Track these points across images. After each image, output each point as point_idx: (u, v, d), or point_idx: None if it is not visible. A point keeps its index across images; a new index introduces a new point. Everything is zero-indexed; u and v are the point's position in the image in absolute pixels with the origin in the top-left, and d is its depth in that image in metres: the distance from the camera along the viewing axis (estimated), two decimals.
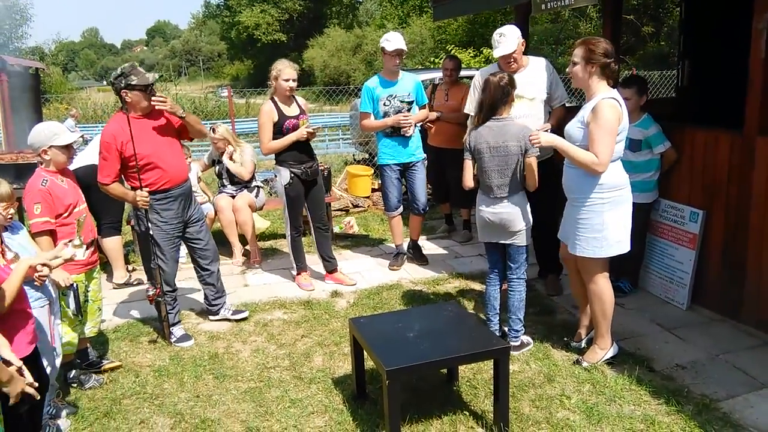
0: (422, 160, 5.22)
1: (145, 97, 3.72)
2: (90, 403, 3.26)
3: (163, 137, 3.86)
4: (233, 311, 4.29)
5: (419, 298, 4.56)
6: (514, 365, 3.37)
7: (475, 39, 23.17)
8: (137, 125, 3.73)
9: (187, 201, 4.03)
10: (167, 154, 3.84)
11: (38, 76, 8.28)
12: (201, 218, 4.16)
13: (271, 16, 40.69)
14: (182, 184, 3.94)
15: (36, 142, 3.23)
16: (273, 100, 4.63)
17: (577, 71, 3.24)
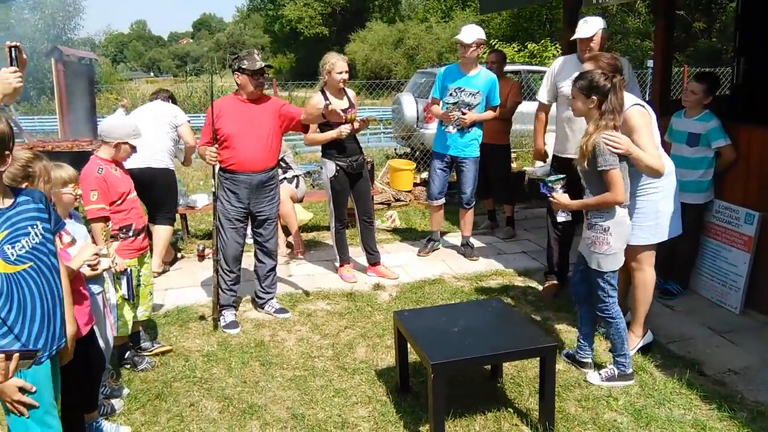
0: (475, 157, 5.20)
1: (251, 81, 3.96)
2: (142, 384, 3.37)
3: (254, 125, 4.01)
4: (276, 309, 4.34)
5: (461, 293, 4.55)
6: (560, 364, 3.33)
7: (520, 33, 22.84)
8: (236, 106, 4.03)
9: (258, 193, 4.12)
10: (248, 140, 4.00)
11: (92, 66, 8.52)
12: (271, 217, 4.24)
13: (314, 10, 40.90)
14: (251, 173, 4.04)
15: (114, 132, 3.35)
16: (323, 92, 4.67)
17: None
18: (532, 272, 4.97)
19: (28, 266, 2.03)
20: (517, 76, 10.49)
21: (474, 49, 4.96)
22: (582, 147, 3.03)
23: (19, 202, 2.05)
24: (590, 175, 3.07)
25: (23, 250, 2.02)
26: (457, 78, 5.08)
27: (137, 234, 3.45)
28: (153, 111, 5.11)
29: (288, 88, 20.54)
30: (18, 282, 2.01)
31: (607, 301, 3.18)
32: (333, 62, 4.58)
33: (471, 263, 5.22)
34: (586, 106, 3.05)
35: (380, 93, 17.12)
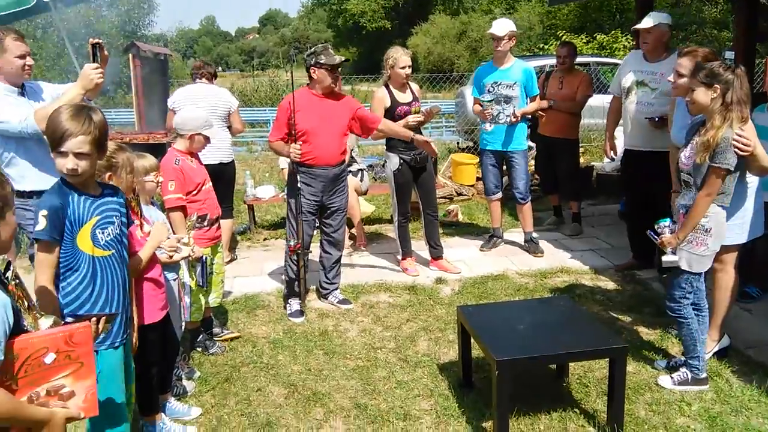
0: (522, 150, 5.17)
1: (329, 76, 4.01)
2: (212, 368, 3.50)
3: (330, 120, 4.08)
4: (340, 300, 4.39)
5: (526, 290, 4.48)
6: (630, 366, 3.22)
7: (588, 24, 22.13)
8: (312, 101, 4.06)
9: (332, 186, 4.20)
10: (325, 135, 4.07)
11: (166, 61, 8.87)
12: (341, 209, 4.32)
13: (377, 4, 41.02)
14: (327, 167, 4.13)
15: (189, 125, 3.48)
16: (387, 86, 4.70)
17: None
18: (600, 270, 4.84)
19: (111, 253, 2.19)
20: (586, 68, 10.17)
21: (507, 41, 4.99)
22: (708, 140, 2.82)
23: (105, 193, 2.21)
24: (700, 169, 2.91)
25: (109, 237, 2.17)
26: (492, 73, 5.09)
27: (212, 224, 3.58)
28: (206, 101, 4.89)
29: (351, 82, 20.72)
30: (102, 266, 2.17)
31: (683, 302, 3.06)
32: (396, 57, 4.61)
33: (536, 260, 5.13)
34: (708, 96, 2.86)
35: (443, 86, 17.03)
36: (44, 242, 2.05)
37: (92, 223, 2.12)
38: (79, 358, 1.73)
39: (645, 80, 4.42)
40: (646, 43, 4.40)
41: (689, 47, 3.50)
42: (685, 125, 3.25)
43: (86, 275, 2.14)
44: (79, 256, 2.12)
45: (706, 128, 2.89)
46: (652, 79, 4.38)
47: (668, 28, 4.38)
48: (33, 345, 1.67)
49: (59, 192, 2.08)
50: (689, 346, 3.11)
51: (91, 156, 2.08)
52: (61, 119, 2.02)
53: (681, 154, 3.10)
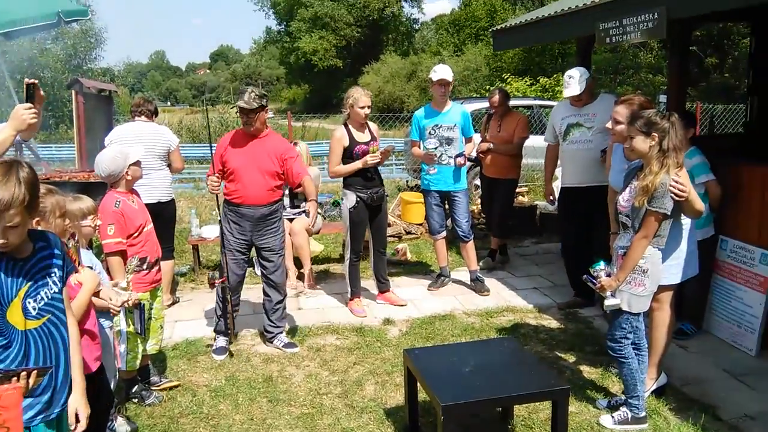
0: (464, 190, 5.30)
1: (243, 118, 4.07)
2: (149, 420, 3.35)
3: (257, 160, 4.08)
4: (285, 343, 4.31)
5: (472, 330, 4.50)
6: (572, 406, 3.27)
7: (532, 67, 23.06)
8: (242, 140, 4.10)
9: (261, 226, 4.16)
10: (251, 174, 4.07)
11: (111, 97, 8.69)
12: (276, 250, 4.24)
13: (328, 43, 41.62)
14: (254, 206, 4.11)
15: (116, 168, 3.37)
16: (346, 125, 4.76)
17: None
18: (544, 309, 4.92)
19: (46, 319, 1.97)
20: (529, 110, 10.55)
21: (450, 87, 5.17)
22: (647, 185, 2.93)
23: (37, 249, 1.98)
24: (638, 212, 3.02)
25: (42, 302, 1.96)
26: (433, 116, 5.22)
27: (152, 267, 3.47)
28: (145, 139, 4.77)
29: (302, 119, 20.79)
30: (36, 338, 1.95)
31: (623, 342, 3.14)
32: (357, 96, 4.70)
33: (482, 298, 5.19)
34: (647, 144, 2.98)
35: (393, 125, 17.27)
36: None
37: (22, 294, 1.89)
38: (5, 423, 1.61)
39: (580, 122, 4.67)
40: (580, 101, 4.69)
41: (626, 95, 3.68)
42: (622, 169, 3.40)
43: (19, 352, 1.90)
44: (10, 332, 1.89)
45: (644, 173, 3.00)
46: (586, 119, 4.66)
47: (591, 79, 4.67)
48: None
49: None
50: (630, 385, 3.18)
51: (21, 226, 1.84)
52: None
53: (619, 197, 3.21)
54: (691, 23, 4.97)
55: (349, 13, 42.02)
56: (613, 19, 4.49)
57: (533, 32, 5.91)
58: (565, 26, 5.31)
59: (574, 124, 4.72)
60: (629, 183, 3.17)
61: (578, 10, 4.90)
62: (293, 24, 43.98)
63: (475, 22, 33.48)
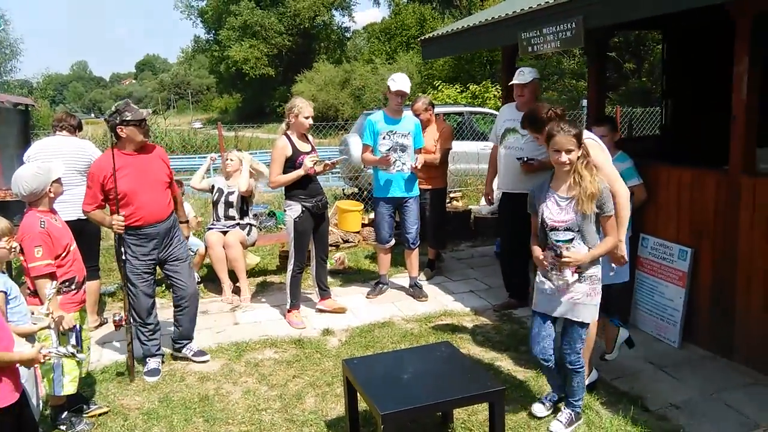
0: (415, 196, 5.30)
1: (139, 132, 3.85)
2: None
3: (149, 176, 3.92)
4: (195, 352, 4.24)
5: (411, 336, 4.53)
6: (510, 406, 3.34)
7: (462, 75, 23.60)
8: (125, 161, 3.83)
9: (166, 239, 4.04)
10: (148, 192, 3.89)
11: (28, 111, 8.26)
12: (183, 258, 4.15)
13: (260, 51, 41.17)
14: (158, 223, 3.96)
15: (38, 186, 3.20)
16: (287, 135, 4.71)
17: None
18: (480, 311, 5.02)
19: None
20: (460, 116, 10.77)
21: (406, 98, 5.21)
22: (593, 192, 2.92)
23: None
24: (587, 219, 2.97)
25: None
26: (389, 123, 5.23)
27: (79, 287, 3.31)
28: (65, 154, 4.58)
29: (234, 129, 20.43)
30: None
31: (581, 352, 3.15)
32: (301, 107, 4.67)
33: (420, 304, 5.23)
34: (577, 154, 2.97)
35: (327, 133, 17.26)
36: None
37: None
38: None
39: (516, 127, 4.74)
40: (522, 96, 4.73)
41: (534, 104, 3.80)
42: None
43: None
44: None
45: (577, 182, 2.95)
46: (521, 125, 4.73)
47: (539, 81, 4.80)
48: None
49: None
50: (577, 390, 3.19)
51: None
52: None
53: (545, 214, 3.04)
54: (608, 31, 5.20)
55: (280, 21, 41.77)
56: (534, 28, 4.66)
57: (460, 41, 6.04)
58: (490, 35, 5.46)
59: (511, 129, 4.79)
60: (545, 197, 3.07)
61: (502, 19, 5.05)
62: (222, 32, 43.27)
63: (405, 31, 34.01)
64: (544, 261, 3.09)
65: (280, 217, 8.08)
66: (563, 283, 3.02)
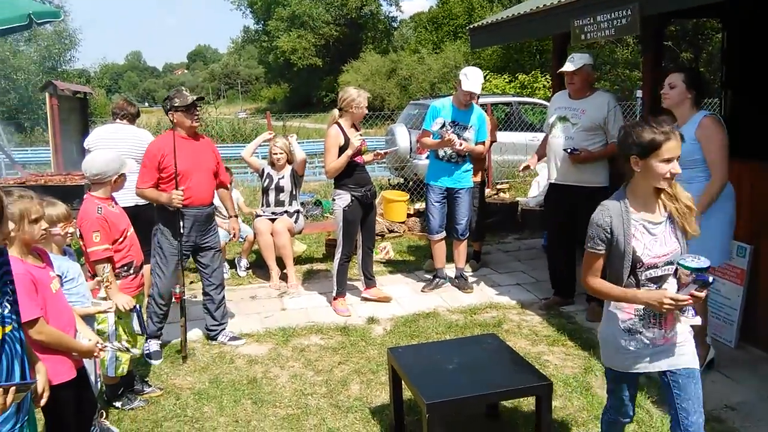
0: (468, 188, 5.24)
1: (187, 117, 4.02)
2: (132, 424, 3.31)
3: (200, 160, 4.10)
4: (230, 337, 4.37)
5: (456, 327, 4.52)
6: (557, 401, 3.29)
7: (510, 64, 23.23)
8: (180, 143, 4.01)
9: (204, 226, 4.19)
10: (197, 175, 4.06)
11: (86, 99, 8.57)
12: (215, 247, 4.31)
13: (307, 41, 41.49)
14: (203, 207, 4.13)
15: (107, 170, 3.33)
16: (339, 125, 4.75)
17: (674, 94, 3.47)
18: (527, 305, 4.96)
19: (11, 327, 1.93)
20: (508, 107, 10.61)
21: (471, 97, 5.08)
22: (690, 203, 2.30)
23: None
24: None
25: (7, 310, 1.91)
26: (453, 113, 5.16)
27: (137, 271, 3.44)
28: (124, 142, 4.78)
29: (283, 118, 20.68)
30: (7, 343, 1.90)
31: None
32: (356, 96, 4.74)
33: (465, 295, 5.21)
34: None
35: (373, 123, 17.27)
36: None
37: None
38: None
39: (566, 115, 4.63)
40: (572, 84, 4.59)
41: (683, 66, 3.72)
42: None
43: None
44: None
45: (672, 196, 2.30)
46: (573, 114, 4.59)
47: (592, 68, 4.62)
48: None
49: None
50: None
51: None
52: None
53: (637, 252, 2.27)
54: (665, 19, 5.02)
55: (327, 11, 41.93)
56: (588, 16, 4.53)
57: (510, 30, 5.93)
58: (541, 24, 5.34)
59: (561, 118, 4.65)
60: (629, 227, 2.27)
61: (554, 7, 4.93)
62: (271, 23, 43.76)
63: (453, 20, 33.64)
64: (667, 301, 2.18)
65: (326, 206, 8.17)
66: (673, 330, 2.31)
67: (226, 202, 4.65)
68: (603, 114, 4.47)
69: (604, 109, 4.48)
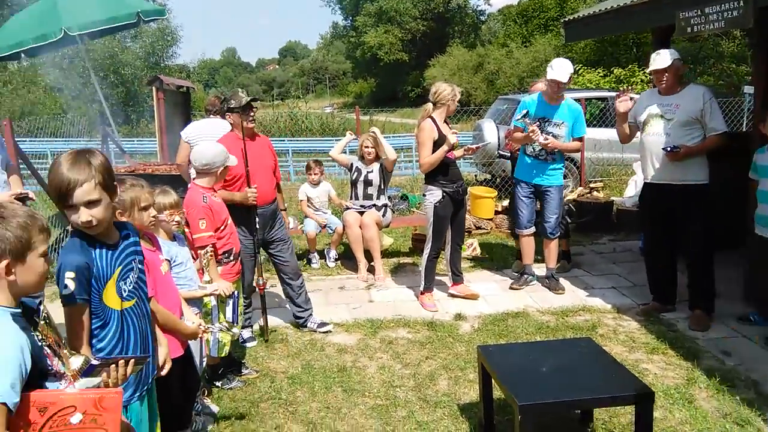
0: (558, 186, 5.10)
1: (243, 118, 4.05)
2: (231, 403, 3.47)
3: (261, 160, 4.16)
4: (318, 324, 4.48)
5: (547, 328, 4.41)
6: (657, 412, 3.14)
7: (605, 58, 22.29)
8: (240, 145, 4.00)
9: (271, 222, 4.29)
10: (259, 175, 4.11)
11: (188, 94, 9.04)
12: (285, 239, 4.41)
13: (394, 36, 41.69)
14: (267, 205, 4.22)
15: (216, 162, 3.51)
16: (432, 119, 4.75)
17: None
18: (623, 309, 4.75)
19: (134, 302, 2.10)
20: (603, 102, 10.20)
21: (566, 84, 4.92)
22: None
23: (122, 237, 2.09)
24: None
25: (131, 285, 2.08)
26: (542, 109, 5.03)
27: (236, 258, 3.60)
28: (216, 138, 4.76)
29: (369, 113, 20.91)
30: (130, 317, 2.08)
31: None
32: (451, 90, 4.76)
33: (556, 297, 5.06)
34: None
35: (459, 118, 17.09)
36: (74, 305, 1.93)
37: (115, 276, 2.02)
38: (105, 425, 1.64)
39: (660, 112, 4.41)
40: (664, 81, 4.37)
41: None
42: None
43: (116, 331, 2.04)
44: (108, 312, 2.02)
45: None
46: (667, 110, 4.37)
47: (680, 62, 4.38)
48: (62, 402, 1.61)
49: (81, 249, 1.95)
50: None
51: (101, 202, 1.92)
52: (61, 171, 1.87)
53: None
54: None
55: (415, 6, 41.91)
56: (695, 7, 4.27)
57: (608, 22, 5.69)
58: (643, 16, 5.08)
59: (654, 115, 4.45)
60: None
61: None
62: (359, 19, 44.32)
63: (543, 13, 32.71)
64: None
65: (412, 201, 8.19)
66: None
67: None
68: (699, 106, 4.26)
69: (699, 102, 4.27)
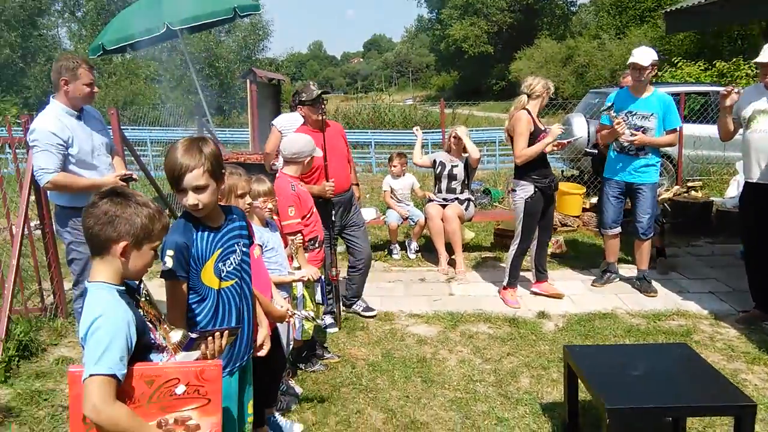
0: (652, 183, 4.85)
1: (312, 111, 4.17)
2: (314, 386, 3.57)
3: (335, 150, 4.20)
4: (364, 308, 4.60)
5: (638, 332, 4.23)
6: (758, 426, 2.94)
7: (706, 50, 20.94)
8: (314, 134, 4.07)
9: (347, 208, 4.38)
10: (334, 165, 4.16)
11: (279, 86, 9.33)
12: (360, 224, 4.53)
13: (480, 29, 41.12)
14: (343, 193, 4.30)
15: (304, 151, 3.64)
16: (528, 111, 4.69)
17: None
18: (721, 316, 4.48)
19: (233, 282, 2.20)
20: (704, 97, 9.59)
21: (649, 71, 4.69)
22: None
23: (228, 221, 2.21)
24: None
25: (231, 267, 2.19)
26: (629, 102, 4.82)
27: (321, 245, 3.70)
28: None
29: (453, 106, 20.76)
30: (227, 296, 2.19)
31: None
32: (544, 83, 4.69)
33: (648, 300, 4.83)
34: None
35: (546, 112, 16.61)
36: (172, 280, 2.08)
37: (214, 258, 2.12)
38: (207, 395, 1.77)
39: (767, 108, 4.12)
40: (766, 76, 4.07)
41: None
42: None
43: (212, 307, 2.16)
44: (205, 290, 2.13)
45: None
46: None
47: None
48: (166, 374, 1.74)
49: (183, 230, 2.08)
50: None
51: (208, 187, 2.05)
52: (175, 156, 2.02)
53: None
54: None
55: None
56: None
57: (714, 13, 5.36)
58: (756, 6, 4.73)
59: (761, 111, 4.15)
60: None
61: None
62: (445, 11, 44.07)
63: (640, 3, 31.10)
64: None
65: (494, 195, 8.07)
66: None
67: None
68: None
69: None
